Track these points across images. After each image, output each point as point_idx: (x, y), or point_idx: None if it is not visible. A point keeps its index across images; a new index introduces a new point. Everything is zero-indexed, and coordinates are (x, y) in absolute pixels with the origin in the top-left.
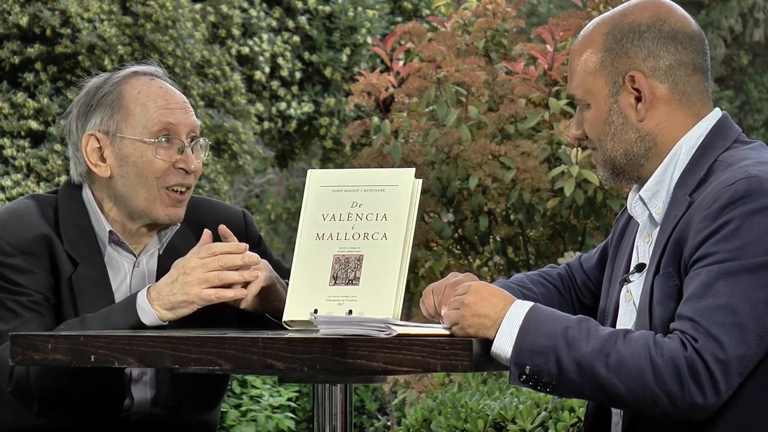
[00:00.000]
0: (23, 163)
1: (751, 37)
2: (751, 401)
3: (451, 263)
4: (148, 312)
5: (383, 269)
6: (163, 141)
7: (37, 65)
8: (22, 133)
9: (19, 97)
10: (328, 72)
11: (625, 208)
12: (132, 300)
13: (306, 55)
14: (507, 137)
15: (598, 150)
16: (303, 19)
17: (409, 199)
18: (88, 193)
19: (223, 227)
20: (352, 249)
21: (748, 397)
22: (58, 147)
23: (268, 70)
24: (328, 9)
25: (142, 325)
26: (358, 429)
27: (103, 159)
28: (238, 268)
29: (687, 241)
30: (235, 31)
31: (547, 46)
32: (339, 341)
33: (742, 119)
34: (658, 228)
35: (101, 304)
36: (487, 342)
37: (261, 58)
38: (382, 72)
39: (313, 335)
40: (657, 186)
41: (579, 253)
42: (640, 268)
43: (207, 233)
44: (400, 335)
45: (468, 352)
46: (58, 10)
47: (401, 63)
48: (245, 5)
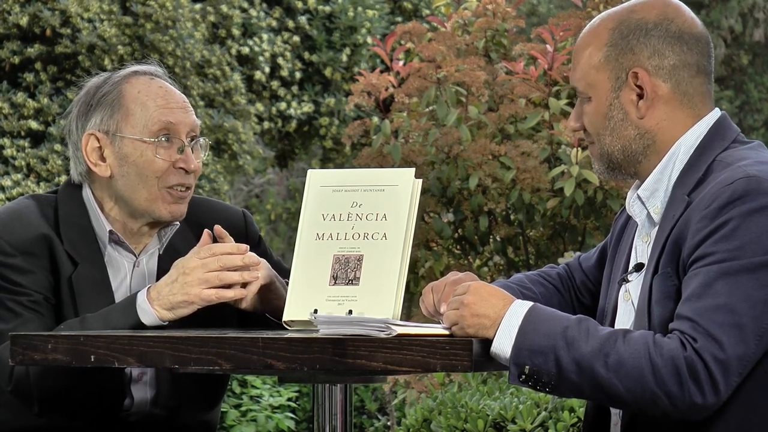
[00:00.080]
0: (23, 163)
1: (751, 37)
2: (750, 401)
3: (451, 263)
4: (148, 312)
5: (383, 269)
6: (163, 140)
7: (37, 65)
8: (22, 133)
9: (19, 97)
10: (328, 72)
11: (624, 208)
12: (132, 300)
13: (306, 55)
14: (507, 137)
15: (596, 144)
16: (303, 19)
17: (409, 199)
18: (88, 193)
19: (218, 227)
20: (352, 249)
21: (747, 397)
22: (58, 147)
23: (268, 70)
24: (328, 9)
25: (142, 325)
26: (358, 429)
27: (103, 158)
28: (238, 269)
29: (685, 240)
30: (235, 31)
31: (547, 46)
32: (339, 341)
33: (742, 119)
34: (657, 227)
35: (101, 304)
36: (486, 342)
37: (261, 58)
38: (382, 72)
39: (313, 335)
40: (655, 185)
41: (579, 253)
42: (639, 267)
43: (207, 234)
44: (400, 335)
45: (468, 352)
46: (58, 10)
47: (401, 63)
48: (245, 5)
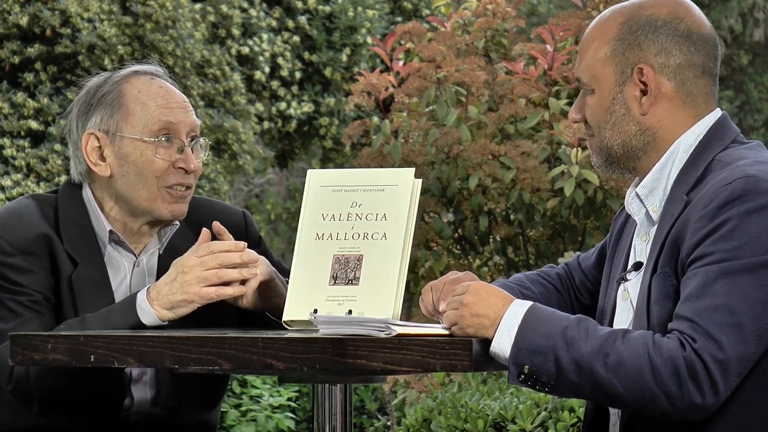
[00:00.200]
0: (23, 163)
1: (751, 37)
2: (749, 401)
3: (451, 263)
4: (148, 312)
5: (383, 269)
6: (163, 140)
7: (37, 65)
8: (22, 133)
9: (19, 97)
10: (328, 72)
11: (624, 208)
12: (132, 300)
13: (306, 55)
14: (507, 137)
15: (596, 137)
16: (303, 19)
17: (409, 199)
18: (88, 193)
19: (216, 224)
20: (352, 249)
21: (746, 397)
22: (58, 147)
23: (268, 70)
24: (328, 9)
25: (141, 325)
26: (358, 429)
27: (103, 158)
28: (237, 266)
29: (684, 240)
30: (235, 31)
31: (547, 46)
32: (339, 341)
33: (742, 119)
34: (656, 226)
35: (101, 304)
36: (486, 342)
37: (261, 58)
38: (382, 72)
39: (313, 335)
40: (654, 183)
41: (578, 252)
42: (637, 266)
43: (205, 232)
44: (399, 335)
45: (468, 352)
46: (58, 10)
47: (401, 63)
48: (245, 5)
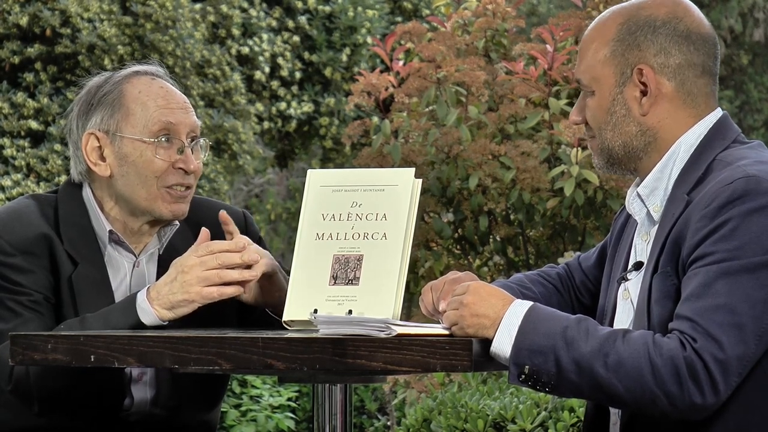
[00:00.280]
0: (23, 163)
1: (751, 37)
2: (749, 401)
3: (451, 263)
4: (148, 312)
5: (383, 269)
6: (163, 141)
7: (37, 65)
8: (22, 133)
9: (19, 97)
10: (328, 72)
11: (624, 207)
12: (132, 300)
13: (306, 55)
14: (507, 137)
15: (597, 138)
16: (303, 19)
17: (409, 199)
18: (88, 193)
19: (223, 213)
20: (352, 249)
21: (747, 397)
22: (58, 147)
23: (268, 70)
24: (328, 9)
25: (142, 325)
26: (358, 429)
27: (102, 158)
28: (237, 266)
29: (685, 240)
30: (235, 31)
31: (547, 46)
32: (339, 341)
33: (742, 119)
34: (656, 226)
35: (101, 304)
36: (486, 342)
37: (261, 58)
38: (382, 72)
39: (313, 335)
40: (655, 183)
41: (579, 252)
42: (638, 266)
43: (205, 232)
44: (400, 335)
45: (468, 352)
46: (58, 10)
47: (401, 63)
48: (245, 5)
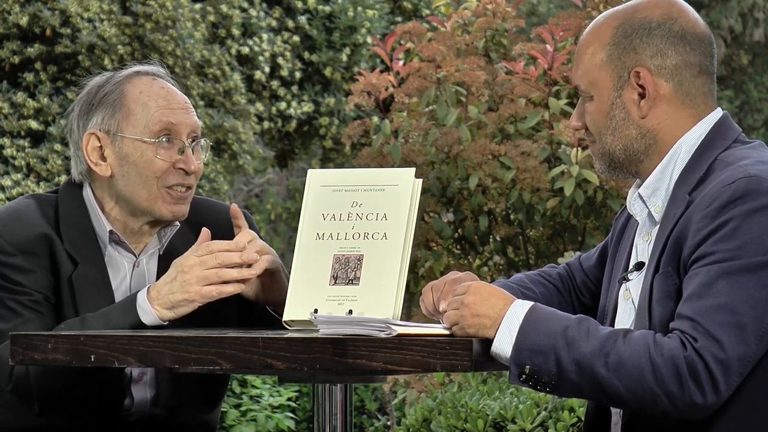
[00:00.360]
0: (23, 163)
1: (751, 37)
2: (751, 401)
3: (451, 263)
4: (148, 312)
5: (383, 269)
6: (163, 141)
7: (37, 65)
8: (22, 133)
9: (19, 97)
10: (328, 72)
11: (625, 207)
12: (132, 300)
13: (306, 55)
14: (507, 137)
15: (597, 143)
16: (303, 19)
17: (409, 199)
18: (88, 193)
19: (234, 206)
20: (352, 249)
21: (748, 397)
22: (58, 147)
23: (268, 69)
24: (328, 9)
25: (142, 325)
26: (358, 429)
27: (103, 158)
28: (236, 266)
29: (686, 240)
30: (235, 31)
31: (547, 46)
32: (339, 341)
33: (742, 119)
34: (658, 226)
35: (101, 304)
36: (487, 342)
37: (261, 58)
38: (382, 72)
39: (313, 335)
40: (656, 184)
41: (579, 252)
42: (639, 266)
43: (205, 231)
44: (400, 335)
45: (468, 352)
46: (58, 10)
47: (401, 63)
48: (245, 5)
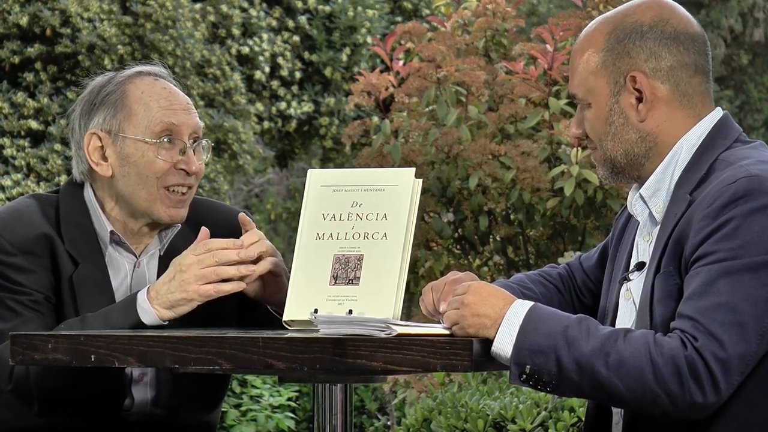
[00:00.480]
0: (23, 162)
1: (751, 37)
2: (751, 401)
3: (451, 263)
4: (148, 311)
5: (383, 269)
6: (165, 141)
7: (37, 65)
8: (22, 132)
9: (19, 97)
10: (328, 72)
11: (625, 207)
12: (132, 300)
13: (306, 54)
14: (507, 137)
15: (598, 149)
16: (303, 18)
17: (409, 199)
18: (89, 193)
19: (242, 215)
20: (352, 249)
21: (748, 396)
22: (58, 147)
23: (268, 69)
24: (328, 9)
25: (142, 325)
26: (358, 429)
27: (104, 158)
28: (235, 264)
29: (687, 239)
30: (235, 31)
31: (547, 46)
32: (339, 341)
33: (742, 119)
34: (659, 226)
35: (102, 304)
36: (487, 342)
37: (261, 58)
38: (382, 72)
39: (313, 335)
40: (657, 184)
41: (579, 252)
42: (640, 266)
43: (204, 230)
44: (400, 335)
45: (468, 352)
46: (58, 10)
47: (401, 63)
48: (245, 5)
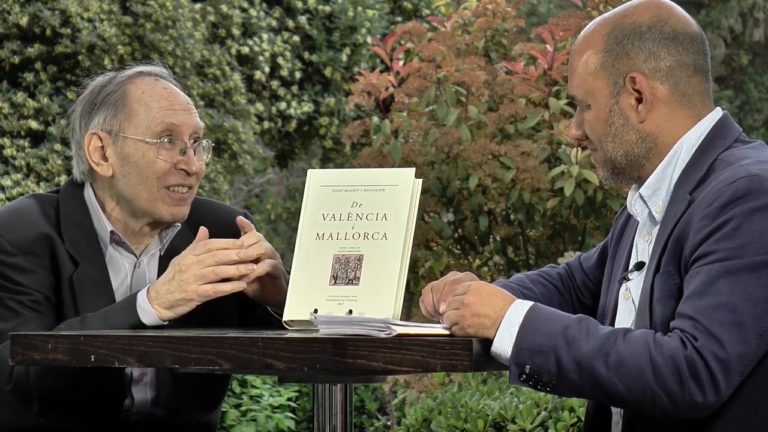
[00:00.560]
0: (23, 163)
1: (751, 37)
2: (751, 400)
3: (451, 263)
4: (148, 312)
5: (383, 269)
6: (165, 142)
7: (37, 65)
8: (22, 133)
9: (19, 97)
10: (328, 72)
11: (625, 207)
12: (132, 300)
13: (306, 54)
14: (507, 137)
15: (599, 150)
16: (303, 18)
17: (409, 199)
18: (89, 193)
19: (240, 218)
20: (352, 249)
21: (748, 396)
22: (58, 147)
23: (268, 69)
24: (328, 9)
25: (142, 325)
26: (358, 429)
27: (105, 158)
28: (234, 263)
29: (687, 239)
30: (235, 31)
31: (547, 46)
32: (339, 341)
33: (742, 119)
34: (658, 226)
35: (102, 304)
36: (487, 342)
37: (261, 58)
38: (382, 72)
39: (313, 335)
40: (657, 184)
41: (579, 252)
42: (639, 266)
43: (203, 230)
44: (400, 335)
45: (468, 352)
46: (58, 10)
47: (401, 63)
48: (245, 5)
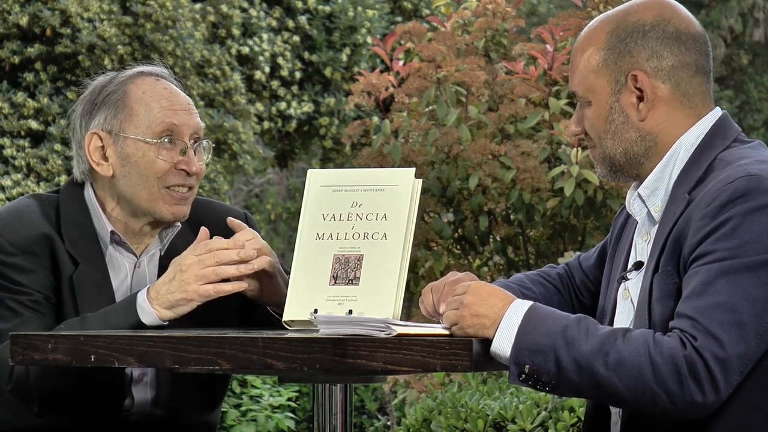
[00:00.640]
0: (23, 163)
1: (751, 37)
2: (751, 400)
3: (451, 263)
4: (148, 312)
5: (383, 269)
6: (165, 142)
7: (37, 65)
8: (22, 133)
9: (19, 97)
10: (328, 72)
11: (624, 207)
12: (132, 300)
13: (306, 55)
14: (507, 137)
15: (598, 148)
16: (303, 18)
17: (409, 199)
18: (90, 193)
19: (231, 219)
20: (352, 249)
21: (748, 396)
22: (58, 147)
23: (268, 69)
24: (328, 9)
25: (142, 325)
26: (358, 429)
27: (105, 158)
28: (235, 263)
29: (686, 239)
30: (235, 31)
31: (547, 46)
32: (339, 341)
33: (742, 119)
34: (657, 226)
35: (102, 304)
36: (486, 342)
37: (261, 58)
38: (382, 72)
39: (313, 335)
40: (656, 183)
41: (579, 252)
42: (638, 266)
43: (204, 230)
44: (400, 335)
45: (468, 352)
46: (58, 10)
47: (401, 63)
48: (245, 5)
